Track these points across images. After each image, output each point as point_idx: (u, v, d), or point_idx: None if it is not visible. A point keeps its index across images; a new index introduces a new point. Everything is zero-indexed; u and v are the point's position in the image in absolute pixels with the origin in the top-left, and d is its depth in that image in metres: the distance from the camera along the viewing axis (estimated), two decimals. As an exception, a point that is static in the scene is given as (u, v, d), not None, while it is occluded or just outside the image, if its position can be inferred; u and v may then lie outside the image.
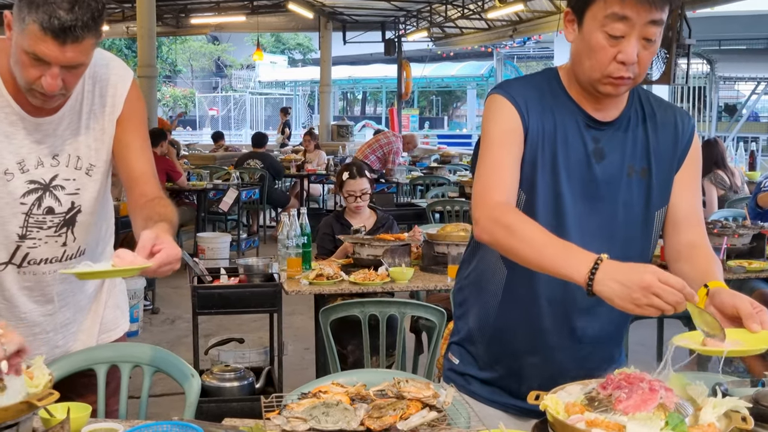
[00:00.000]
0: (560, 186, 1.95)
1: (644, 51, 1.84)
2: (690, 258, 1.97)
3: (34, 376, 1.73)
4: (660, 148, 2.01)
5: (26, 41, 1.91)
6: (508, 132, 1.94)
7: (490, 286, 2.09)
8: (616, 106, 1.99)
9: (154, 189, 2.21)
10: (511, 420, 2.10)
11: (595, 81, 1.89)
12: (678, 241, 2.03)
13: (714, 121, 18.62)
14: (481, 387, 2.14)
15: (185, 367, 2.35)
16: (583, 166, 1.96)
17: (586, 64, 1.89)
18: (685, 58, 7.73)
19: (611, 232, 1.98)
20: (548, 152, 1.95)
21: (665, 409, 1.54)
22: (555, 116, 1.96)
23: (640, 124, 2.02)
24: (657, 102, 2.08)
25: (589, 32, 1.86)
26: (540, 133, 1.95)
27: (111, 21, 18.14)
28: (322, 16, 18.49)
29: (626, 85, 1.89)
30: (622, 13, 1.80)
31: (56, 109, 2.14)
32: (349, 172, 4.85)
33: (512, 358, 2.10)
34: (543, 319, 2.02)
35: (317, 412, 1.65)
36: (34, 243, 2.18)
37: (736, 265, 4.49)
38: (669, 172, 2.03)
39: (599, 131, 1.98)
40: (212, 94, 38.30)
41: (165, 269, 1.88)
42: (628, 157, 1.99)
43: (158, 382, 2.46)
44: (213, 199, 9.43)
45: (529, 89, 1.99)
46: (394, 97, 23.41)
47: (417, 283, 4.14)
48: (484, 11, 14.66)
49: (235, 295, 4.11)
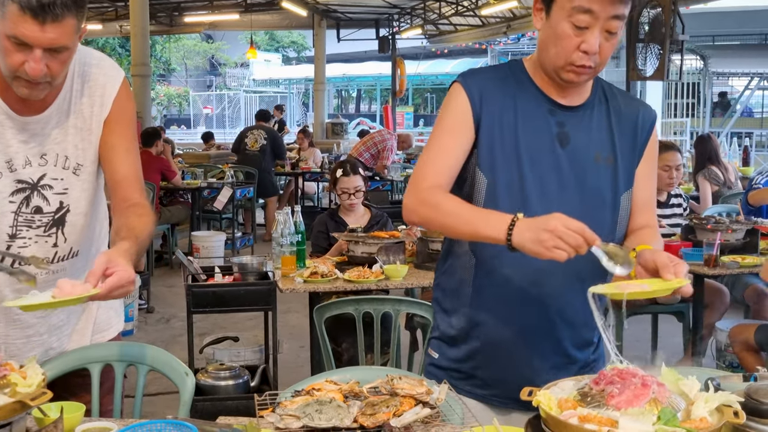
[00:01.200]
0: (523, 169, 2.02)
1: (606, 42, 1.95)
2: (634, 234, 2.14)
3: (27, 375, 1.73)
4: (622, 138, 2.11)
5: (8, 25, 1.90)
6: (455, 121, 2.06)
7: (462, 279, 2.15)
8: (580, 93, 2.09)
9: (135, 194, 2.19)
10: (492, 412, 2.12)
11: (559, 68, 1.99)
12: (631, 224, 2.16)
13: (708, 117, 18.65)
14: (461, 380, 2.16)
15: (179, 366, 2.35)
16: (548, 150, 2.04)
17: (552, 51, 1.98)
18: (679, 54, 7.73)
19: (579, 216, 2.01)
20: (509, 137, 2.03)
21: (658, 404, 1.55)
22: (517, 102, 2.06)
23: (604, 112, 2.12)
24: (620, 94, 2.19)
25: (556, 21, 1.95)
26: (497, 119, 2.04)
27: (104, 20, 18.11)
28: (316, 13, 18.46)
29: (587, 74, 1.99)
30: (587, 6, 1.90)
31: (43, 108, 2.12)
32: (343, 170, 4.85)
33: (490, 348, 2.13)
34: (515, 305, 2.07)
35: (310, 409, 1.65)
36: (24, 243, 2.17)
37: (730, 260, 4.50)
38: (631, 160, 2.13)
39: (564, 115, 2.07)
40: (206, 93, 38.25)
41: (117, 293, 1.86)
42: (594, 143, 2.08)
43: (153, 381, 2.46)
44: (207, 198, 9.42)
45: (489, 78, 2.10)
46: (388, 95, 23.37)
47: (411, 280, 4.14)
48: (478, 8, 14.67)
49: (230, 293, 4.11)
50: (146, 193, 2.27)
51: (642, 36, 7.78)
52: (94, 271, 1.83)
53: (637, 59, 7.85)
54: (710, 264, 4.45)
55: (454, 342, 2.20)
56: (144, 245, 2.08)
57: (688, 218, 5.15)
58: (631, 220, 2.16)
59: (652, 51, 7.66)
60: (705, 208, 6.94)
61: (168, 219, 8.88)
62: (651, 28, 7.64)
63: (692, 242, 4.80)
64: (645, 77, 7.87)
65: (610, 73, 20.21)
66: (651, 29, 7.64)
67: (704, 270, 4.49)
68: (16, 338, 2.26)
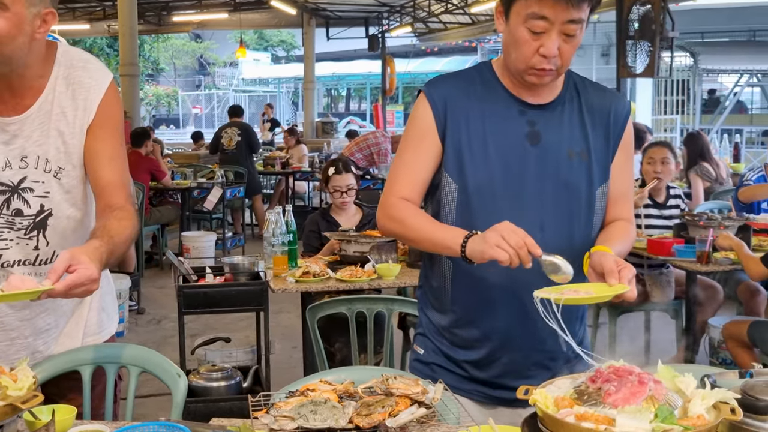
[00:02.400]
0: (493, 171, 2.05)
1: (565, 45, 1.97)
2: (605, 228, 2.16)
3: (17, 378, 1.71)
4: (596, 132, 2.12)
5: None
6: (419, 133, 2.11)
7: (441, 277, 2.17)
8: (550, 91, 2.11)
9: (120, 200, 2.15)
10: (477, 407, 2.13)
11: (521, 71, 2.01)
12: (606, 218, 2.18)
13: (698, 114, 18.70)
14: (446, 376, 2.15)
15: (171, 367, 2.34)
16: (519, 150, 2.06)
17: (513, 56, 2.02)
18: (669, 50, 7.74)
19: (554, 212, 2.07)
20: (477, 140, 2.06)
21: (654, 402, 1.54)
22: (484, 105, 2.08)
23: (576, 107, 2.13)
24: (593, 87, 2.20)
25: (514, 26, 1.98)
26: (464, 125, 2.06)
27: (92, 19, 18.05)
28: (305, 12, 18.43)
29: (549, 75, 2.01)
30: (540, 13, 1.92)
31: (24, 109, 2.09)
32: (335, 168, 4.84)
33: (473, 343, 2.14)
34: (493, 302, 2.09)
35: (305, 410, 1.64)
36: (5, 244, 2.15)
37: (723, 257, 4.51)
38: (605, 153, 2.14)
39: (534, 114, 2.08)
40: (195, 92, 38.14)
41: (77, 291, 1.82)
42: (566, 139, 2.09)
43: (144, 382, 2.44)
44: (197, 198, 9.39)
45: (454, 84, 2.13)
46: (378, 94, 23.37)
47: (404, 279, 4.13)
48: (468, 6, 14.66)
49: (221, 294, 4.08)
50: (133, 198, 2.23)
51: (632, 33, 7.79)
52: (55, 267, 1.79)
53: (627, 56, 7.85)
54: (703, 261, 4.46)
55: (439, 339, 2.21)
56: (120, 247, 2.03)
57: (680, 215, 5.15)
58: (606, 213, 2.17)
59: (642, 48, 7.67)
60: (697, 204, 6.95)
61: (158, 219, 8.85)
62: (641, 25, 7.65)
63: (685, 239, 4.80)
64: (635, 74, 7.88)
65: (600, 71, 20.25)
66: (641, 26, 7.65)
67: (697, 267, 4.49)
68: (0, 341, 2.23)
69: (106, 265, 1.93)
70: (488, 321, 2.11)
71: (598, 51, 21.18)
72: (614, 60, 8.65)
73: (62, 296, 1.82)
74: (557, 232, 2.04)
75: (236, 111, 11.46)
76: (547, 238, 1.97)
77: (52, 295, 1.80)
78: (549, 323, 1.82)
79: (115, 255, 2.01)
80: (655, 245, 4.77)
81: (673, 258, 4.68)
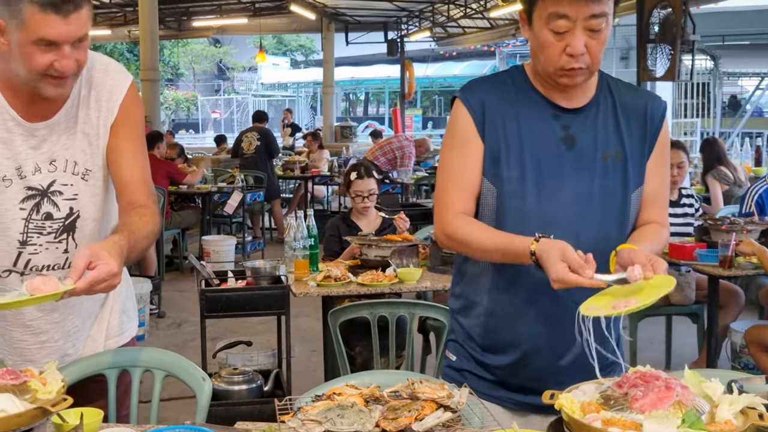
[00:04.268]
0: (530, 175, 2.02)
1: (592, 41, 1.93)
2: (636, 230, 2.12)
3: (47, 381, 1.73)
4: (631, 133, 2.09)
5: (30, 30, 1.91)
6: (462, 139, 2.08)
7: (480, 282, 2.14)
8: (584, 93, 2.08)
9: (142, 197, 2.18)
10: (510, 414, 2.12)
11: (552, 74, 1.99)
12: (638, 220, 2.14)
13: (718, 117, 18.55)
14: (478, 382, 2.15)
15: (196, 371, 2.35)
16: (554, 154, 2.04)
17: (541, 60, 1.99)
18: (690, 54, 7.69)
19: (588, 216, 2.04)
20: (514, 145, 2.03)
21: (682, 407, 1.53)
22: (519, 110, 2.06)
23: (611, 109, 2.09)
24: (627, 88, 2.17)
25: (537, 30, 1.96)
26: (501, 129, 2.04)
27: (113, 25, 18.18)
28: (324, 17, 18.48)
29: (581, 74, 1.98)
30: (561, 12, 1.90)
31: (52, 114, 2.13)
32: (357, 172, 4.84)
33: (506, 350, 2.13)
34: (531, 307, 2.07)
35: (332, 414, 1.64)
36: (35, 249, 2.17)
37: (745, 261, 4.48)
38: (641, 155, 2.11)
39: (568, 117, 2.06)
40: (215, 97, 38.28)
41: (99, 288, 1.85)
42: (600, 143, 2.06)
43: (166, 386, 2.45)
44: (218, 202, 9.42)
45: (489, 88, 2.10)
46: (397, 98, 23.37)
47: (425, 283, 4.13)
48: (487, 10, 14.64)
49: (243, 297, 4.10)
50: (155, 196, 2.26)
51: (652, 36, 7.75)
52: (75, 265, 1.82)
53: (647, 60, 7.82)
54: (725, 265, 4.43)
55: (472, 345, 2.19)
56: (141, 242, 2.06)
57: (702, 219, 5.12)
58: (639, 216, 2.14)
59: (662, 51, 7.63)
60: (717, 208, 6.91)
61: (178, 224, 8.89)
62: (661, 28, 7.61)
63: (707, 243, 4.77)
64: (655, 78, 7.84)
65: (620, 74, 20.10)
66: (661, 29, 7.61)
67: (719, 271, 4.46)
68: (31, 344, 2.26)
69: (127, 259, 1.96)
70: (521, 327, 2.09)
71: (617, 54, 21.04)
72: (634, 63, 8.62)
73: (85, 293, 1.85)
74: (592, 236, 2.02)
75: (260, 116, 11.50)
76: (581, 243, 1.95)
77: (75, 294, 1.83)
78: (579, 337, 1.80)
79: (136, 250, 2.04)
80: (677, 249, 4.74)
81: (695, 262, 4.66)
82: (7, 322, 2.24)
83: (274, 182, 10.79)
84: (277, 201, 10.89)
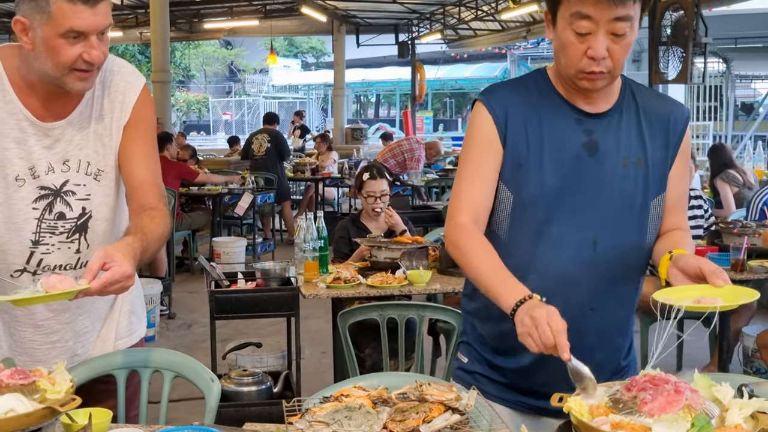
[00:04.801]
0: (551, 181, 1.99)
1: (614, 45, 1.89)
2: (665, 236, 2.08)
3: (55, 381, 1.73)
4: (654, 140, 2.06)
5: (58, 23, 1.95)
6: (482, 144, 2.04)
7: None
8: (606, 98, 2.04)
9: (153, 199, 2.19)
10: (521, 417, 2.11)
11: (572, 76, 1.95)
12: (665, 225, 2.11)
13: (731, 120, 18.50)
14: (489, 385, 2.14)
15: (205, 372, 2.35)
16: (576, 159, 2.00)
17: (563, 61, 1.95)
18: (702, 56, 7.66)
19: (607, 223, 2.02)
20: (535, 150, 2.00)
21: (691, 411, 1.52)
22: (542, 114, 2.02)
23: (633, 115, 2.06)
24: (650, 94, 2.14)
25: (560, 30, 1.93)
26: (523, 134, 2.01)
27: (124, 27, 18.25)
28: (335, 19, 18.51)
29: (602, 79, 1.94)
30: (584, 12, 1.86)
31: (66, 114, 2.15)
32: (370, 173, 4.83)
33: (519, 353, 2.08)
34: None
35: (340, 415, 1.64)
36: (47, 249, 2.18)
37: (757, 264, 4.46)
38: (663, 163, 2.07)
39: (591, 123, 2.02)
40: (226, 99, 38.39)
41: (113, 289, 1.86)
42: (623, 149, 2.03)
43: (175, 387, 2.46)
44: (228, 204, 9.44)
45: (511, 92, 2.07)
46: (407, 100, 23.39)
47: (435, 285, 4.12)
48: (498, 12, 14.63)
49: (253, 299, 4.11)
50: (165, 199, 2.27)
51: (664, 39, 7.73)
52: (90, 266, 1.84)
53: (659, 62, 7.79)
54: (737, 269, 4.41)
55: (484, 348, 2.18)
56: (153, 245, 2.07)
57: (714, 222, 5.10)
58: (662, 222, 2.10)
59: (674, 54, 7.61)
60: (729, 211, 6.89)
61: (189, 225, 8.91)
62: (673, 30, 7.59)
63: (719, 247, 4.75)
64: (667, 80, 7.82)
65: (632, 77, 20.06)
66: (673, 32, 7.59)
67: (731, 275, 4.43)
68: (42, 344, 2.27)
69: (140, 261, 1.97)
70: None
71: (629, 57, 21.04)
72: (646, 66, 8.60)
73: (98, 294, 1.86)
74: (610, 243, 2.00)
75: (270, 118, 11.51)
76: (599, 250, 1.96)
77: (89, 294, 1.84)
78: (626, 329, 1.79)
79: (149, 252, 2.05)
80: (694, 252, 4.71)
81: (706, 266, 4.63)
82: (18, 322, 2.25)
83: (285, 184, 10.80)
84: (288, 203, 10.91)
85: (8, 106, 2.10)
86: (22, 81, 2.10)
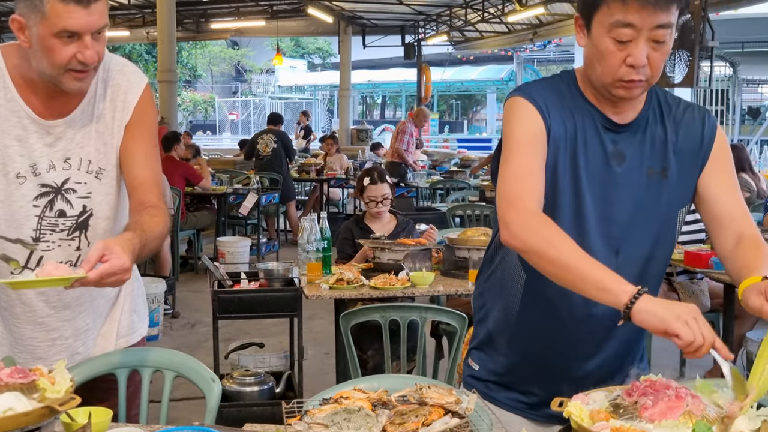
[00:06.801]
0: (581, 188, 1.94)
1: (654, 53, 1.83)
2: (736, 251, 1.92)
3: (55, 380, 1.73)
4: (681, 146, 1.99)
5: (52, 22, 1.95)
6: (532, 135, 1.92)
7: (509, 291, 2.08)
8: (633, 107, 1.98)
9: (152, 198, 2.20)
10: (532, 426, 2.09)
11: (608, 85, 1.88)
12: (725, 237, 1.96)
13: (737, 124, 18.47)
14: (501, 392, 2.13)
15: (206, 372, 2.35)
16: (603, 167, 1.95)
17: (598, 69, 1.88)
18: (708, 60, 7.64)
19: (629, 233, 1.97)
20: (569, 155, 1.94)
21: (692, 417, 1.52)
22: (575, 118, 1.95)
23: (659, 123, 2.00)
24: (676, 102, 2.06)
25: (597, 38, 1.86)
26: (561, 136, 1.93)
27: (131, 26, 18.30)
28: (342, 20, 18.53)
29: (639, 87, 1.88)
30: (626, 21, 1.80)
31: (68, 112, 2.15)
32: (370, 178, 4.82)
33: (532, 362, 2.08)
34: (562, 322, 2.01)
35: (339, 418, 1.64)
36: (47, 246, 2.19)
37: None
38: (691, 170, 2.00)
39: (617, 134, 1.97)
40: (232, 99, 38.44)
41: (110, 281, 1.87)
42: (647, 159, 1.97)
43: (176, 386, 2.45)
44: (233, 204, 9.45)
45: (548, 91, 1.98)
46: (413, 101, 23.41)
47: (438, 287, 4.12)
48: (504, 14, 14.61)
49: (256, 299, 4.11)
50: (165, 198, 2.28)
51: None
52: (89, 256, 1.85)
53: (665, 66, 7.78)
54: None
55: (496, 355, 2.15)
56: (152, 242, 2.08)
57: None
58: (722, 232, 1.97)
59: (681, 57, 7.59)
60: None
61: (194, 224, 8.92)
62: (680, 34, 7.57)
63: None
64: (674, 84, 7.79)
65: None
66: (680, 35, 7.57)
67: (736, 279, 4.42)
68: (42, 341, 2.27)
69: (138, 257, 1.98)
70: (549, 339, 2.04)
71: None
72: (652, 69, 8.56)
73: (95, 284, 1.87)
74: (633, 253, 1.95)
75: (274, 119, 11.52)
76: (621, 260, 1.91)
77: (85, 284, 1.85)
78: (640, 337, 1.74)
79: (147, 249, 2.06)
80: (693, 257, 4.70)
81: (711, 270, 4.61)
82: (18, 320, 2.25)
83: (290, 184, 10.81)
84: (292, 203, 10.92)
85: (10, 104, 2.11)
86: (24, 79, 2.11)
